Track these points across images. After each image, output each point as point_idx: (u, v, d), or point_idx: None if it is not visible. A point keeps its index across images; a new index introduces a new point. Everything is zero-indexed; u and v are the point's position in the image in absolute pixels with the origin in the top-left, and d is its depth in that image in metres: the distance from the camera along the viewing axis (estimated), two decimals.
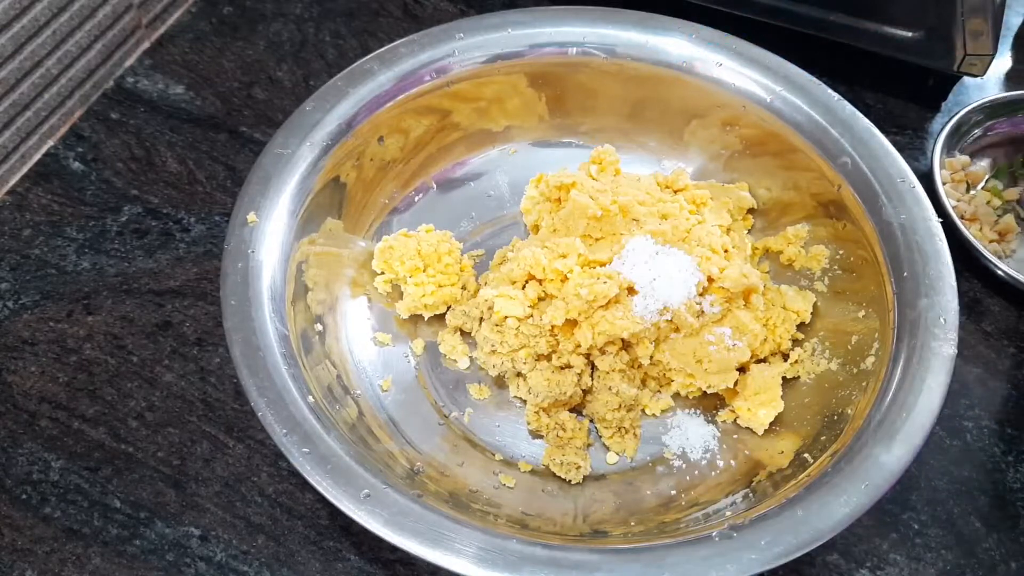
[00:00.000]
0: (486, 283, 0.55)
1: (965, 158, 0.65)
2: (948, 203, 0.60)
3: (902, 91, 0.69)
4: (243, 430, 0.53)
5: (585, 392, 0.52)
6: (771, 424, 0.51)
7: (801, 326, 0.54)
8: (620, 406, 0.50)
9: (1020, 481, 0.53)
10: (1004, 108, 0.65)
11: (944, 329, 0.46)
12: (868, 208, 0.51)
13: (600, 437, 0.52)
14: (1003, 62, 0.72)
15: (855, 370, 0.49)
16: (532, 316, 0.52)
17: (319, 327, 0.51)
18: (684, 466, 0.51)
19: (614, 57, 0.58)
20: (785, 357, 0.53)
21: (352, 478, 0.42)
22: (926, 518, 0.51)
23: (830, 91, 0.55)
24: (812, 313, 0.54)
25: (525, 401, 0.52)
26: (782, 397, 0.51)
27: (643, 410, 0.52)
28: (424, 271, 0.54)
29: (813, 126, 0.54)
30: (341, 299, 0.54)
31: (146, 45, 0.68)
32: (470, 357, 0.54)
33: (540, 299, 0.52)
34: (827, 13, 0.65)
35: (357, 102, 0.54)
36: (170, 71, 0.67)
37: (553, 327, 0.51)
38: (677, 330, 0.52)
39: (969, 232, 0.59)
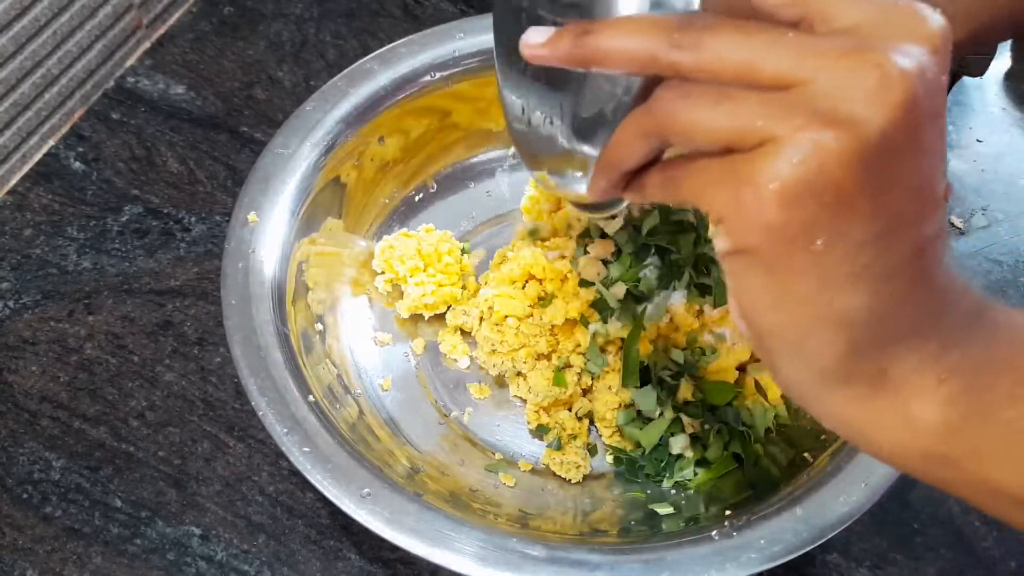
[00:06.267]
0: (486, 283, 0.55)
1: None
2: None
3: None
4: (244, 429, 0.53)
5: (585, 392, 0.52)
6: (770, 424, 0.51)
7: None
8: (620, 406, 0.51)
9: None
10: None
11: None
12: None
13: (600, 437, 0.52)
14: (1003, 62, 0.72)
15: None
16: (532, 316, 0.52)
17: (319, 327, 0.51)
18: None
19: None
20: None
21: (352, 477, 0.42)
22: (926, 517, 0.51)
23: None
24: None
25: (525, 400, 0.52)
26: (782, 397, 0.51)
27: None
28: (424, 271, 0.54)
29: None
30: (341, 299, 0.54)
31: (146, 45, 0.68)
32: (470, 356, 0.54)
33: (540, 299, 0.52)
34: None
35: (357, 102, 0.54)
36: (170, 71, 0.67)
37: (553, 327, 0.51)
38: (677, 330, 0.52)
39: None
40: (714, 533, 0.41)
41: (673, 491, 0.49)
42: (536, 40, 0.28)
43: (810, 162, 0.23)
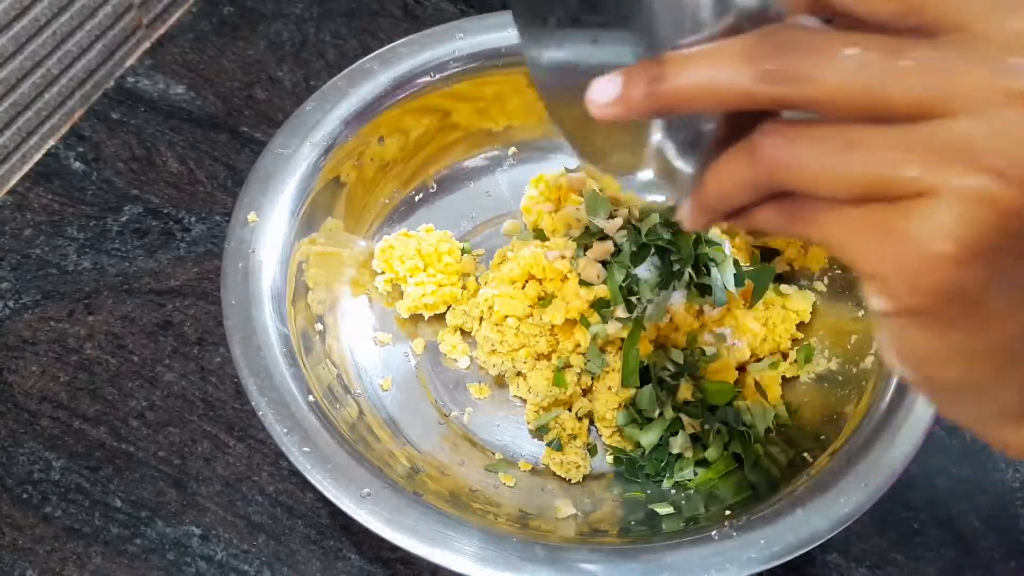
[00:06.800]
0: (486, 283, 0.55)
1: None
2: None
3: None
4: (244, 429, 0.53)
5: (585, 392, 0.52)
6: (770, 424, 0.51)
7: (801, 325, 0.54)
8: (620, 406, 0.51)
9: (1020, 481, 0.53)
10: None
11: None
12: None
13: (600, 437, 0.52)
14: None
15: (855, 369, 0.49)
16: (532, 316, 0.52)
17: (319, 326, 0.51)
18: None
19: None
20: (784, 356, 0.53)
21: (352, 477, 0.42)
22: (926, 517, 0.51)
23: None
24: (812, 312, 0.54)
25: (525, 400, 0.52)
26: (782, 397, 0.51)
27: None
28: (424, 271, 0.54)
29: None
30: (341, 299, 0.54)
31: (146, 45, 0.68)
32: (470, 356, 0.54)
33: (540, 299, 0.52)
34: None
35: (357, 102, 0.54)
36: (170, 71, 0.67)
37: (553, 327, 0.51)
38: (677, 330, 0.52)
39: None
40: (714, 533, 0.41)
41: (673, 491, 0.49)
42: (604, 99, 0.24)
43: (979, 217, 0.20)
